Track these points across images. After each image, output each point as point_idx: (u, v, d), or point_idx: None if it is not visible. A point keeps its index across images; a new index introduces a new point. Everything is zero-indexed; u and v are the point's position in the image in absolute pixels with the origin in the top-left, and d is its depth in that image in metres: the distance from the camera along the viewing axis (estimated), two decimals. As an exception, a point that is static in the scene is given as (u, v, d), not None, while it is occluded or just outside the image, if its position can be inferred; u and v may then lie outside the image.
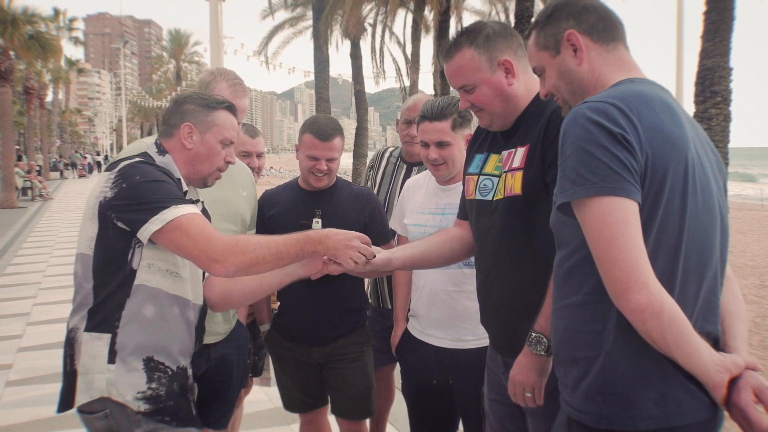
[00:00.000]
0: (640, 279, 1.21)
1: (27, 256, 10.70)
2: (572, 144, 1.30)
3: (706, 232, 1.35)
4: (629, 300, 1.21)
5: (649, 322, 1.21)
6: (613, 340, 1.31)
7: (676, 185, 1.29)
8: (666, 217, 1.28)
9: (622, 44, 1.50)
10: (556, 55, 1.51)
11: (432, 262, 2.13)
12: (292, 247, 1.79)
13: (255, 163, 3.02)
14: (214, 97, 2.02)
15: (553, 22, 1.51)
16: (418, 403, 2.61)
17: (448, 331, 2.42)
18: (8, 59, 20.66)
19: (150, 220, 1.69)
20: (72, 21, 34.51)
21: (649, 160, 1.27)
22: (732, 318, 1.44)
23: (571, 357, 1.39)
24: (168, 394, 1.81)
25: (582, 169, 1.27)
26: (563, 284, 1.44)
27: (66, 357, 1.80)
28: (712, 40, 7.06)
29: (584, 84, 1.49)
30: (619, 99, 1.31)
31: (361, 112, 22.42)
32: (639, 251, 1.23)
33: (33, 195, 23.33)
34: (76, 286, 1.82)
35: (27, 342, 5.76)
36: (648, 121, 1.30)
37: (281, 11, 24.01)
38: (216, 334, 2.33)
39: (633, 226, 1.24)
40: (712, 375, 1.24)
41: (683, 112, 1.42)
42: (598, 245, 1.26)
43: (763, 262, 10.60)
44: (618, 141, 1.26)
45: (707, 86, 7.09)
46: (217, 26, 10.90)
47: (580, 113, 1.31)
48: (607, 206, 1.24)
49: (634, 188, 1.25)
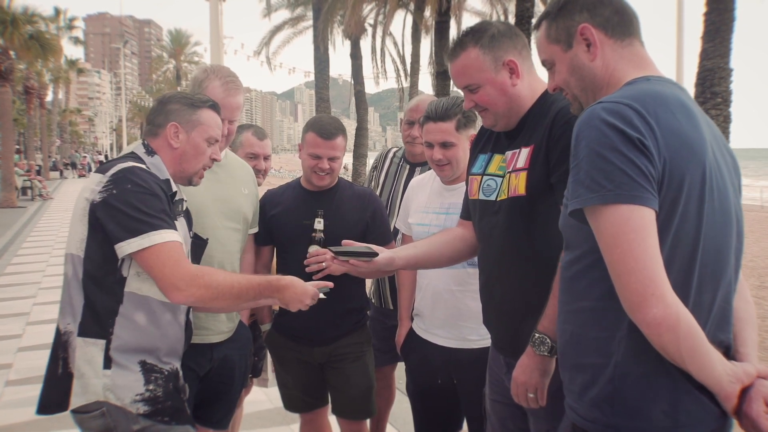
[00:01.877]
0: (657, 291, 1.17)
1: (27, 255, 10.70)
2: (586, 147, 1.24)
3: (722, 239, 1.31)
4: (646, 313, 1.17)
5: (665, 336, 1.18)
6: (624, 350, 1.27)
7: (693, 191, 1.24)
8: (682, 223, 1.24)
9: (637, 40, 1.44)
10: (568, 49, 1.45)
11: (435, 261, 2.12)
12: (253, 290, 1.86)
13: (262, 166, 3.02)
14: (198, 96, 2.02)
15: (566, 14, 1.44)
16: (422, 403, 2.61)
17: (452, 331, 2.42)
18: (8, 59, 20.65)
19: (127, 240, 1.70)
20: (72, 20, 34.50)
21: (667, 166, 1.22)
22: (743, 323, 1.40)
23: (577, 363, 1.37)
24: (165, 394, 1.81)
25: (597, 175, 1.22)
26: (570, 288, 1.40)
27: (58, 359, 1.78)
28: (712, 41, 7.06)
29: (597, 81, 1.43)
30: (636, 100, 1.26)
31: (361, 112, 22.44)
32: (656, 262, 1.18)
33: (33, 195, 23.32)
34: (66, 286, 1.81)
35: (27, 341, 5.76)
36: (666, 123, 1.24)
37: (282, 11, 24.03)
38: (220, 332, 2.33)
39: (650, 235, 1.19)
40: (725, 386, 1.22)
41: (700, 113, 1.37)
42: (613, 255, 1.21)
43: (763, 263, 10.61)
44: (635, 146, 1.20)
45: (707, 87, 7.10)
46: (217, 26, 10.90)
47: (595, 114, 1.25)
48: (624, 214, 1.19)
49: (651, 196, 1.20)
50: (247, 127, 3.07)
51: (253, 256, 2.66)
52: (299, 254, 2.41)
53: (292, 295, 1.90)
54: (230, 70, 2.44)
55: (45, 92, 37.60)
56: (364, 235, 2.54)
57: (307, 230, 2.52)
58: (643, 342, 1.21)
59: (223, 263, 2.31)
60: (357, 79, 22.08)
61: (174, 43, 50.95)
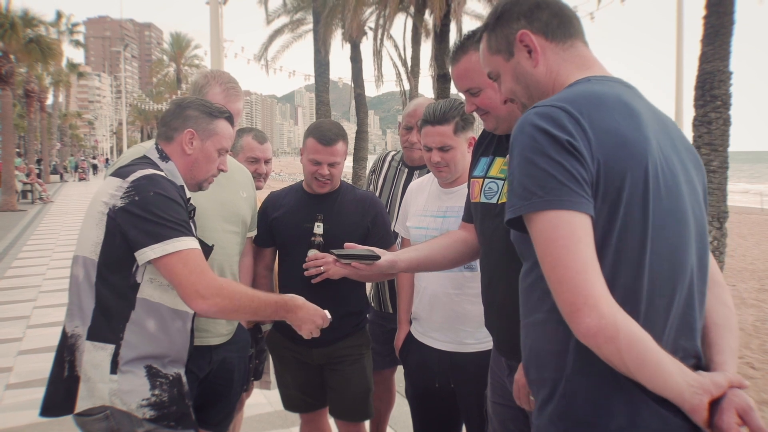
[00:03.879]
0: (590, 301, 1.09)
1: (27, 259, 10.69)
2: (518, 155, 1.20)
3: (675, 241, 1.23)
4: (579, 324, 1.10)
5: (605, 347, 1.10)
6: (573, 363, 1.21)
7: (635, 193, 1.17)
8: (626, 228, 1.17)
9: (579, 40, 1.40)
10: (510, 58, 1.41)
11: (437, 264, 2.12)
12: (270, 308, 1.92)
13: (263, 169, 3.02)
14: (216, 105, 2.04)
15: (504, 24, 1.41)
16: (421, 406, 2.61)
17: (449, 334, 2.42)
18: (9, 62, 20.67)
19: (150, 246, 1.71)
20: (75, 26, 34.48)
21: (602, 168, 1.16)
22: (720, 329, 1.32)
23: (538, 378, 1.31)
24: (170, 399, 1.81)
25: (527, 182, 1.17)
26: (526, 300, 1.35)
27: (64, 361, 1.77)
28: (711, 44, 7.07)
29: (542, 86, 1.39)
30: (570, 101, 1.21)
31: (361, 115, 22.44)
32: (588, 269, 1.11)
33: (33, 198, 23.34)
34: (75, 288, 1.80)
35: (27, 345, 5.75)
36: (600, 124, 1.18)
37: (282, 17, 24.07)
38: (219, 335, 2.33)
39: (582, 240, 1.12)
40: (687, 397, 1.13)
41: (649, 110, 1.31)
42: (545, 264, 1.15)
43: (763, 266, 10.60)
44: (564, 148, 1.15)
45: (707, 90, 7.10)
46: (217, 30, 10.93)
47: (528, 120, 1.21)
48: (553, 221, 1.13)
49: (584, 200, 1.14)
50: (247, 131, 3.07)
51: (251, 259, 2.67)
52: (300, 258, 2.42)
53: (305, 315, 1.95)
54: (230, 75, 2.46)
55: (45, 96, 37.60)
56: (365, 238, 2.55)
57: (308, 234, 2.52)
58: (591, 354, 1.14)
59: (222, 266, 2.31)
60: (357, 82, 22.09)
61: (175, 46, 51.04)
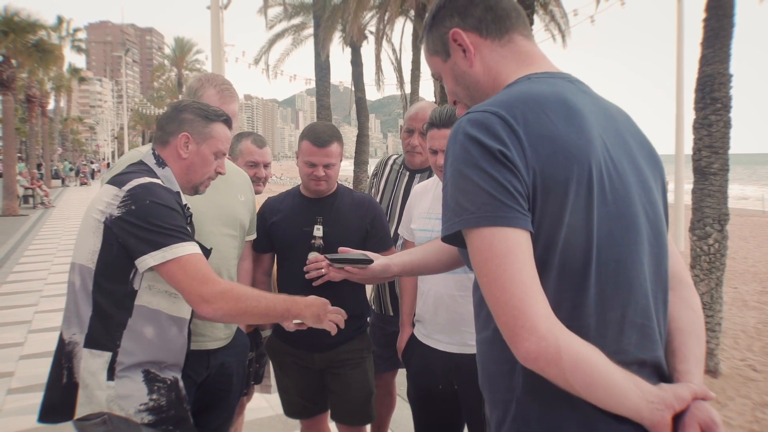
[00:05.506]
0: (528, 323, 1.02)
1: (29, 263, 10.70)
2: (450, 166, 1.12)
3: (624, 248, 1.14)
4: (519, 348, 1.03)
5: (548, 371, 1.03)
6: (522, 384, 1.14)
7: (578, 202, 1.08)
8: (569, 238, 1.08)
9: (517, 34, 1.30)
10: (447, 58, 1.33)
11: (431, 267, 2.12)
12: (280, 306, 1.86)
13: (262, 173, 3.03)
14: (213, 108, 2.03)
15: (439, 23, 1.33)
16: (423, 409, 2.61)
17: (453, 336, 2.42)
18: (10, 68, 20.73)
19: (149, 254, 1.71)
20: (76, 31, 34.62)
21: (538, 178, 1.07)
22: (684, 335, 1.23)
23: (491, 398, 1.24)
24: (168, 403, 1.81)
25: (460, 196, 1.09)
26: (477, 315, 1.27)
27: (62, 368, 1.78)
28: (711, 47, 7.06)
29: (481, 87, 1.30)
30: (504, 105, 1.12)
31: (362, 119, 22.45)
32: (526, 289, 1.03)
33: (34, 203, 23.37)
34: (72, 296, 1.81)
35: (28, 350, 5.76)
36: (536, 129, 1.10)
37: (283, 22, 24.10)
38: (217, 339, 2.34)
39: (518, 259, 1.04)
40: (646, 414, 1.05)
41: (595, 106, 1.22)
42: (482, 285, 1.08)
43: (765, 268, 10.60)
44: (497, 159, 1.07)
45: (707, 93, 7.09)
46: (218, 34, 10.96)
47: (460, 128, 1.13)
48: (487, 239, 1.05)
49: (520, 214, 1.06)
50: (246, 135, 3.08)
51: (250, 263, 2.67)
52: (299, 261, 2.43)
53: (317, 309, 1.93)
54: (224, 78, 2.49)
55: (47, 100, 37.73)
56: (364, 241, 2.55)
57: (307, 237, 2.53)
58: (539, 375, 1.06)
59: (219, 270, 2.31)
60: (358, 85, 22.12)
61: (178, 50, 51.11)
